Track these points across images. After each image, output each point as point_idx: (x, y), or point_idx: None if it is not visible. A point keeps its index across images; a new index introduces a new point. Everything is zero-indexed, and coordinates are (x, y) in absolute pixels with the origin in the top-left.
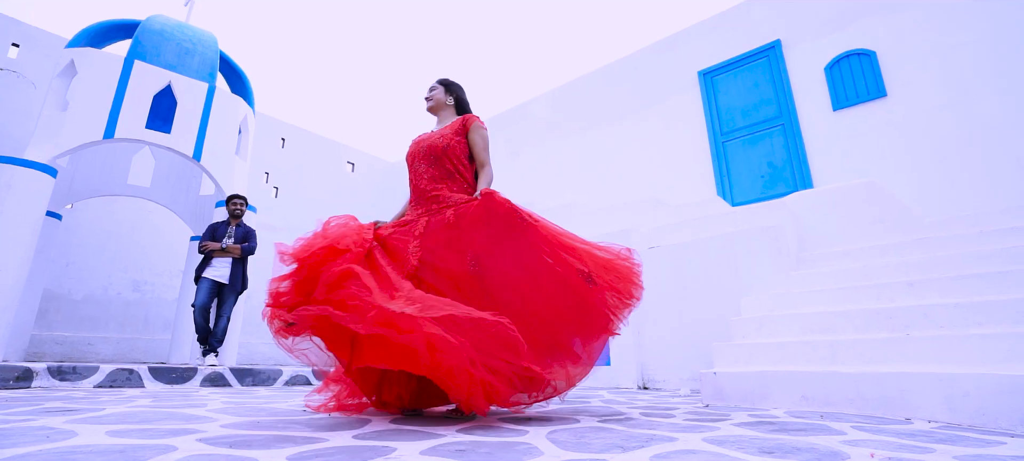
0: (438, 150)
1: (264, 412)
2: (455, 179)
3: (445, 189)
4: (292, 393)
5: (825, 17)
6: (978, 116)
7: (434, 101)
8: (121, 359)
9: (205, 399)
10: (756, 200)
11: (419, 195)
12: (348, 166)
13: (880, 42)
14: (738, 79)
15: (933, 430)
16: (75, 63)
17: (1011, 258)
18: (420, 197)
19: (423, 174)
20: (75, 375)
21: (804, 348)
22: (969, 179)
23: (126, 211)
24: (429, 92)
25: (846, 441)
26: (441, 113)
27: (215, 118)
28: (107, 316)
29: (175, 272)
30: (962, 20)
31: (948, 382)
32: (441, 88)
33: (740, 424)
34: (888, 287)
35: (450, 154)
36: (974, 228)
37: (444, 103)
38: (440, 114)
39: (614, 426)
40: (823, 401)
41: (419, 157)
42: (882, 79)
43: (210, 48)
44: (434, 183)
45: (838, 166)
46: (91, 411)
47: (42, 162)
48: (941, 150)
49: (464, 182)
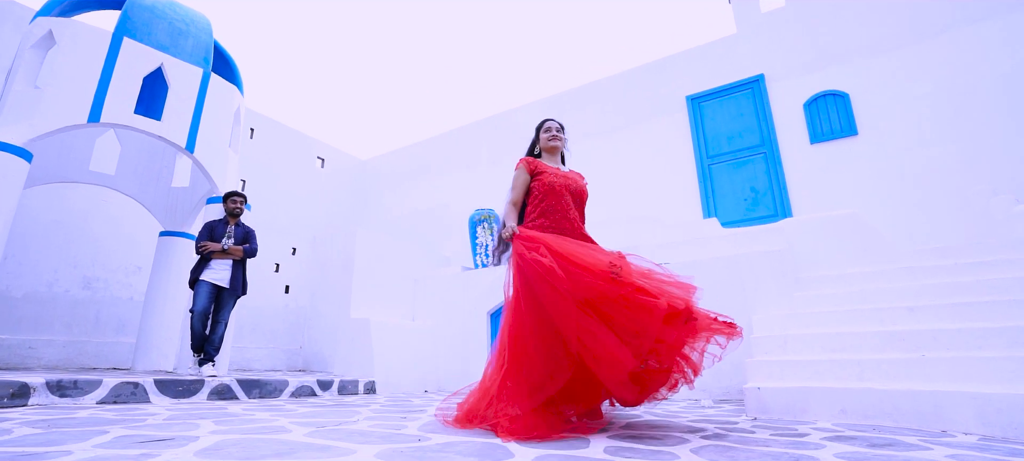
0: (584, 196)
1: (377, 437)
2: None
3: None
4: (317, 405)
5: (805, 58)
6: (935, 158)
7: (564, 144)
8: (68, 364)
9: (273, 418)
10: (741, 221)
11: (571, 229)
12: (318, 161)
13: (853, 85)
14: (724, 106)
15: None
16: (54, 34)
17: (991, 289)
18: (573, 233)
19: (571, 210)
20: (77, 390)
21: (833, 366)
22: (927, 214)
23: (79, 199)
24: (562, 132)
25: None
26: (564, 151)
27: (209, 107)
28: (52, 316)
29: (131, 269)
30: (923, 72)
31: (982, 400)
32: (563, 132)
33: (827, 436)
34: (891, 311)
35: (584, 199)
36: (947, 260)
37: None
38: (557, 158)
39: (739, 445)
40: (861, 415)
41: (566, 193)
42: (854, 119)
43: (204, 30)
44: (581, 224)
45: (814, 195)
46: (185, 437)
47: (16, 144)
48: (903, 187)
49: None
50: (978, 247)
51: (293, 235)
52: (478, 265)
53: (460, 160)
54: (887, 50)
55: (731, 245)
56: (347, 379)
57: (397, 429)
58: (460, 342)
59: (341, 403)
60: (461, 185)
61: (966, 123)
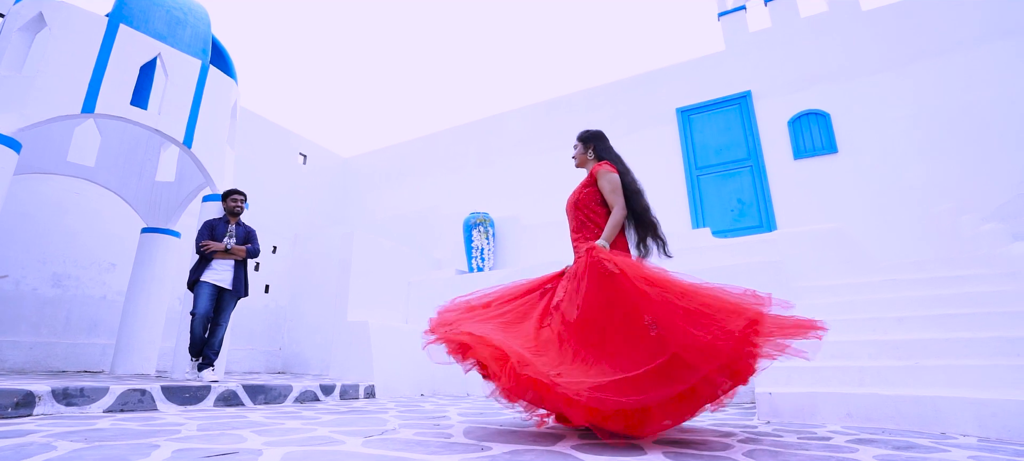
0: (570, 203)
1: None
2: (588, 228)
3: (581, 239)
4: (333, 411)
5: (790, 77)
6: (907, 178)
7: (577, 159)
8: (35, 367)
9: (310, 427)
10: (729, 232)
11: (574, 246)
12: (300, 158)
13: (834, 106)
14: (713, 120)
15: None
16: (45, 16)
17: (970, 302)
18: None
19: (570, 225)
20: (83, 398)
21: (837, 372)
22: (900, 230)
23: (51, 191)
24: (573, 151)
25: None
26: (587, 167)
27: (207, 101)
28: (17, 316)
29: (105, 266)
30: (897, 97)
31: (978, 405)
32: (579, 145)
33: (850, 439)
34: (882, 321)
35: (581, 205)
36: (924, 274)
37: (586, 159)
38: (586, 168)
39: (781, 449)
40: (865, 418)
41: (567, 209)
42: (834, 137)
43: (202, 21)
44: (573, 234)
45: (797, 208)
46: (246, 450)
47: (4, 133)
48: (878, 203)
49: (595, 228)
50: (950, 263)
51: (274, 233)
52: (474, 268)
53: (447, 163)
54: (866, 74)
55: (727, 255)
56: (348, 383)
57: (445, 436)
58: None
59: (356, 409)
60: (449, 188)
61: (935, 146)
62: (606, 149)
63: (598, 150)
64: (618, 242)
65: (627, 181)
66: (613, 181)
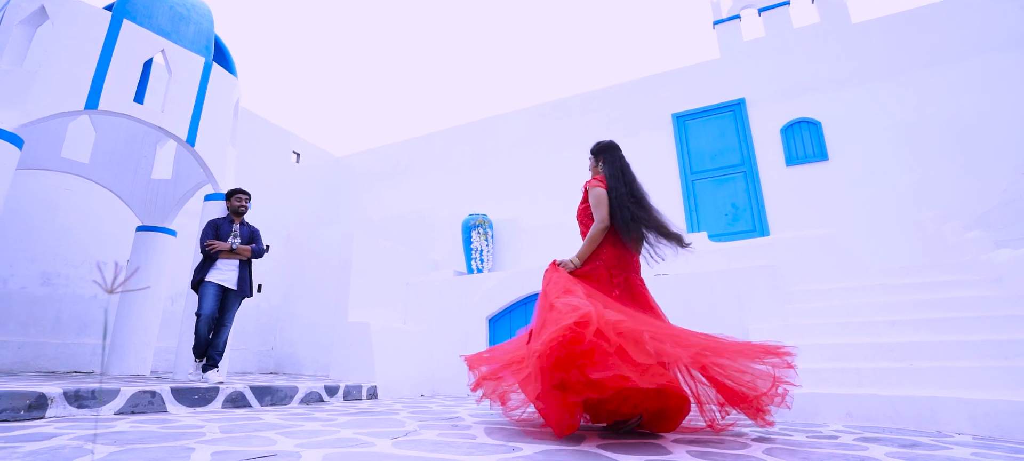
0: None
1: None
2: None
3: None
4: (343, 412)
5: (783, 86)
6: (894, 186)
7: (591, 172)
8: (24, 367)
9: (332, 429)
10: (723, 236)
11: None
12: (293, 156)
13: (825, 114)
14: (708, 126)
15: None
16: (47, 9)
17: (958, 306)
18: None
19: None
20: (94, 400)
21: (836, 374)
22: (887, 236)
23: (41, 187)
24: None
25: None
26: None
27: (211, 98)
28: (5, 315)
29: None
30: (884, 108)
31: (972, 405)
32: (591, 159)
33: (856, 437)
34: (876, 325)
35: (580, 219)
36: (914, 279)
37: (596, 171)
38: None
39: (795, 447)
40: (864, 417)
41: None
42: (825, 145)
43: (206, 18)
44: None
45: (789, 214)
46: (285, 452)
47: (6, 129)
48: (866, 210)
49: None
50: (936, 268)
51: (266, 232)
52: (473, 270)
53: (443, 164)
54: (856, 85)
55: (724, 259)
56: (351, 384)
57: (469, 437)
58: (456, 346)
59: (364, 410)
60: (444, 189)
61: (921, 155)
62: (610, 161)
63: (604, 163)
64: (603, 254)
65: (613, 195)
66: (598, 196)
